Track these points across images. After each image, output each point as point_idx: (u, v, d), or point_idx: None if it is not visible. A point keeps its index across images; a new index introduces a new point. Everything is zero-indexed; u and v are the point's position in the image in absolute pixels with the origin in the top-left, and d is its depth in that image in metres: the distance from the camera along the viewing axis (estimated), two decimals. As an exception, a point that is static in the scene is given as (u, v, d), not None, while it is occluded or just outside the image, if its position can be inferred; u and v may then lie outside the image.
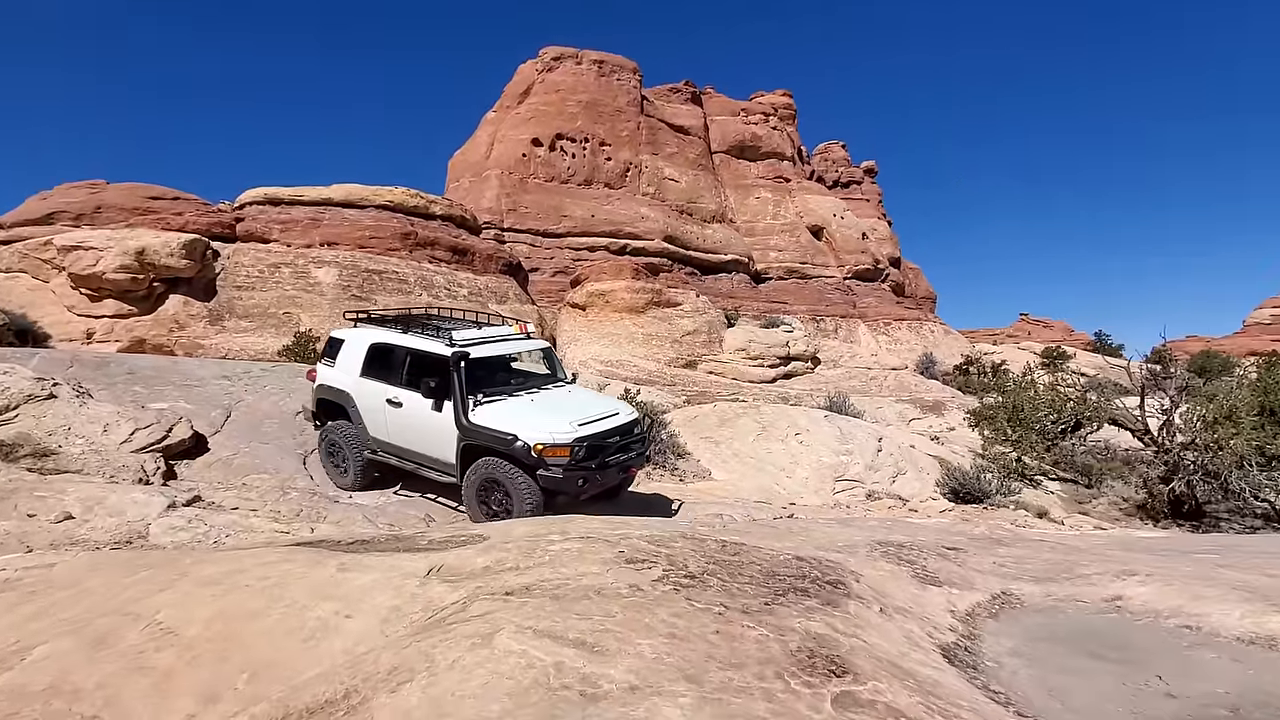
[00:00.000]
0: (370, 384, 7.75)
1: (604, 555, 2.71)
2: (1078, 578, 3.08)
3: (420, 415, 7.27)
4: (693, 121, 45.13)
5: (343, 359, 8.08)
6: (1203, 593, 2.74)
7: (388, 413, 7.59)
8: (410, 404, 7.36)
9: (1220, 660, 2.23)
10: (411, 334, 7.68)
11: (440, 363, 7.15)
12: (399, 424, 7.55)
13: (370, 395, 7.73)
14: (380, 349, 7.76)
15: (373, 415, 7.77)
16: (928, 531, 4.53)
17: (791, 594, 2.42)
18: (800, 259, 44.17)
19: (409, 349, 7.49)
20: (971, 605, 2.75)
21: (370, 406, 7.76)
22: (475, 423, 6.96)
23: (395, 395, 7.52)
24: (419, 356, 7.39)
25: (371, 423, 7.81)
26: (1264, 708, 1.91)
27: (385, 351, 7.71)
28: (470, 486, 6.97)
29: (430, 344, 7.37)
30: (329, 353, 8.36)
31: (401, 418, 7.49)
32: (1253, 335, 74.59)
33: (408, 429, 7.49)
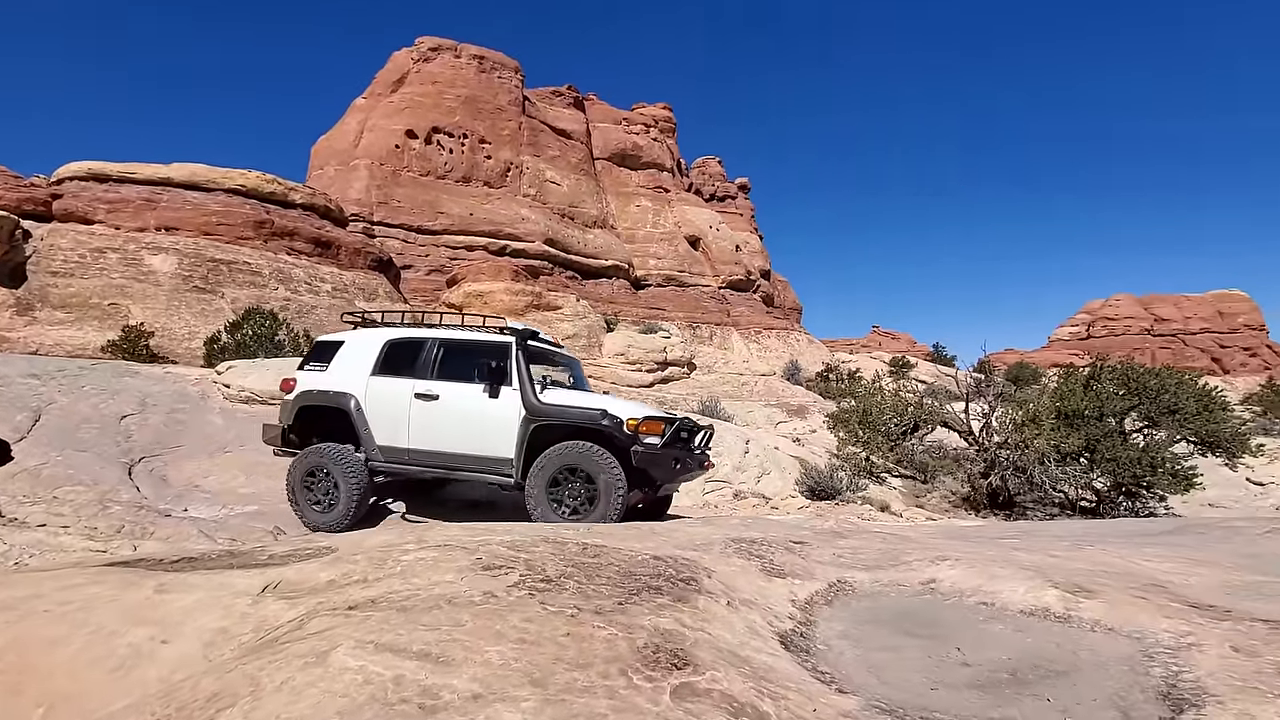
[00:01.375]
0: (388, 382, 6.75)
1: (460, 563, 2.66)
2: (901, 564, 3.42)
3: (464, 407, 6.45)
4: (575, 126, 45.22)
5: (342, 361, 7.04)
6: (998, 573, 3.14)
7: (414, 411, 6.58)
8: (450, 396, 6.52)
9: (1006, 631, 2.57)
10: (441, 328, 7.15)
11: (495, 349, 6.55)
12: (430, 421, 6.55)
13: (387, 394, 6.72)
14: (401, 344, 6.91)
15: (388, 418, 6.68)
16: (781, 527, 4.83)
17: (645, 592, 2.50)
18: (678, 268, 45.52)
19: (446, 340, 6.77)
20: (810, 594, 2.97)
21: (385, 408, 6.70)
22: (551, 402, 6.32)
23: (428, 388, 6.56)
24: (461, 346, 6.72)
25: (385, 428, 6.70)
26: (1035, 669, 2.23)
27: (408, 346, 6.87)
28: (540, 479, 6.08)
29: (473, 333, 6.87)
30: (317, 358, 7.26)
31: (435, 413, 6.53)
32: (1056, 350, 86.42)
33: (444, 425, 6.53)
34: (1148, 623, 2.54)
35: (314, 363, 7.23)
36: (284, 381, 7.38)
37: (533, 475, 6.10)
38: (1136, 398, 13.00)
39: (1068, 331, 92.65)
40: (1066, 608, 2.72)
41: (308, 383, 7.09)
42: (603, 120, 47.90)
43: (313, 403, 6.98)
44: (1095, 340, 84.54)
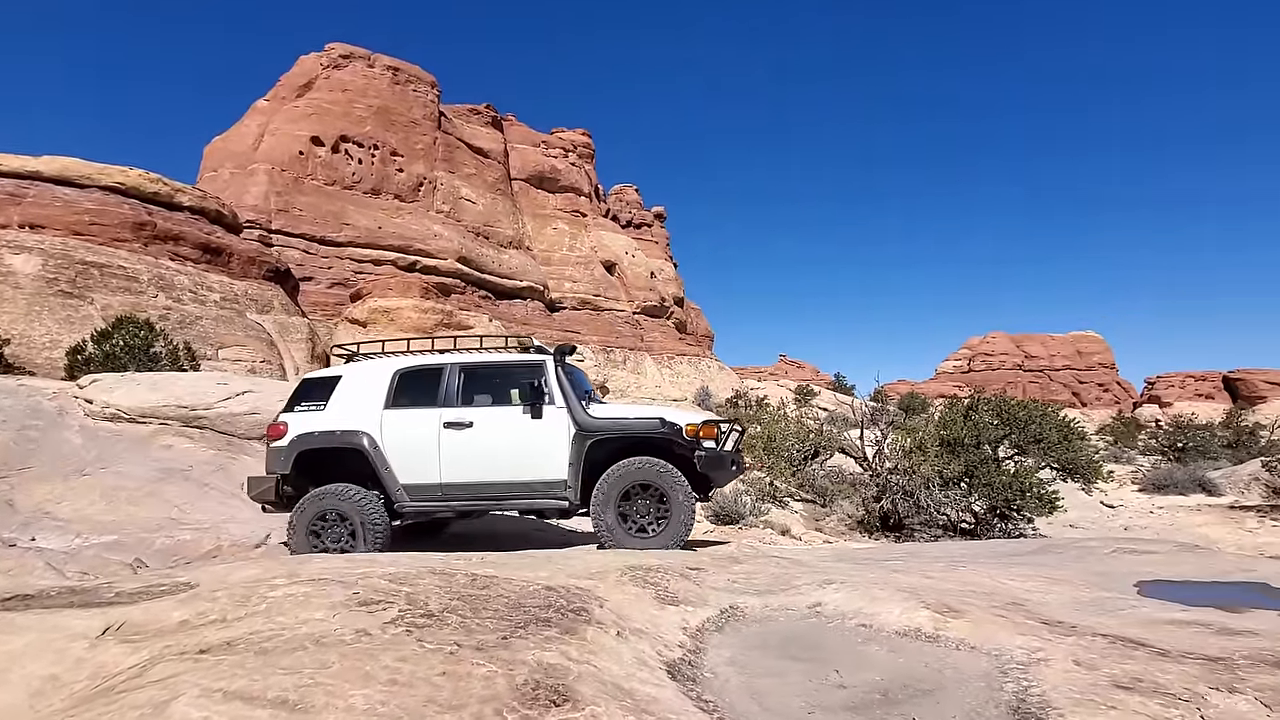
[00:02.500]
0: (407, 414, 6.11)
1: (334, 599, 2.49)
2: (791, 589, 3.51)
3: (504, 431, 5.99)
4: (493, 145, 44.81)
5: (343, 398, 6.31)
6: (878, 595, 3.29)
7: (445, 442, 6.01)
8: (486, 421, 6.02)
9: (882, 652, 2.68)
10: (455, 353, 6.54)
11: (529, 368, 6.15)
12: (466, 451, 5.99)
13: (408, 428, 6.08)
14: (415, 373, 6.30)
15: (413, 454, 6.05)
16: (682, 554, 4.86)
17: (533, 625, 2.44)
18: (594, 291, 45.70)
19: (468, 364, 6.25)
20: (702, 621, 3.00)
21: (408, 443, 6.06)
22: (602, 415, 6.01)
23: (459, 416, 6.01)
24: (487, 369, 6.25)
25: (410, 465, 6.05)
26: (905, 689, 2.34)
27: (424, 374, 6.29)
28: (608, 499, 5.66)
29: (497, 355, 6.44)
30: (309, 397, 6.47)
31: (471, 442, 5.99)
32: (941, 381, 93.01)
33: (482, 454, 5.99)
34: (1005, 640, 2.73)
35: (306, 402, 6.42)
36: (272, 427, 6.47)
37: (599, 495, 5.71)
38: (1008, 428, 14.16)
39: (951, 365, 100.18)
40: (936, 627, 2.88)
41: (304, 425, 6.21)
42: (521, 141, 47.76)
43: (315, 445, 6.13)
44: (975, 374, 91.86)
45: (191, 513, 7.70)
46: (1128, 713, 1.99)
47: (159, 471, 8.65)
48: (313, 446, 6.13)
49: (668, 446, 5.92)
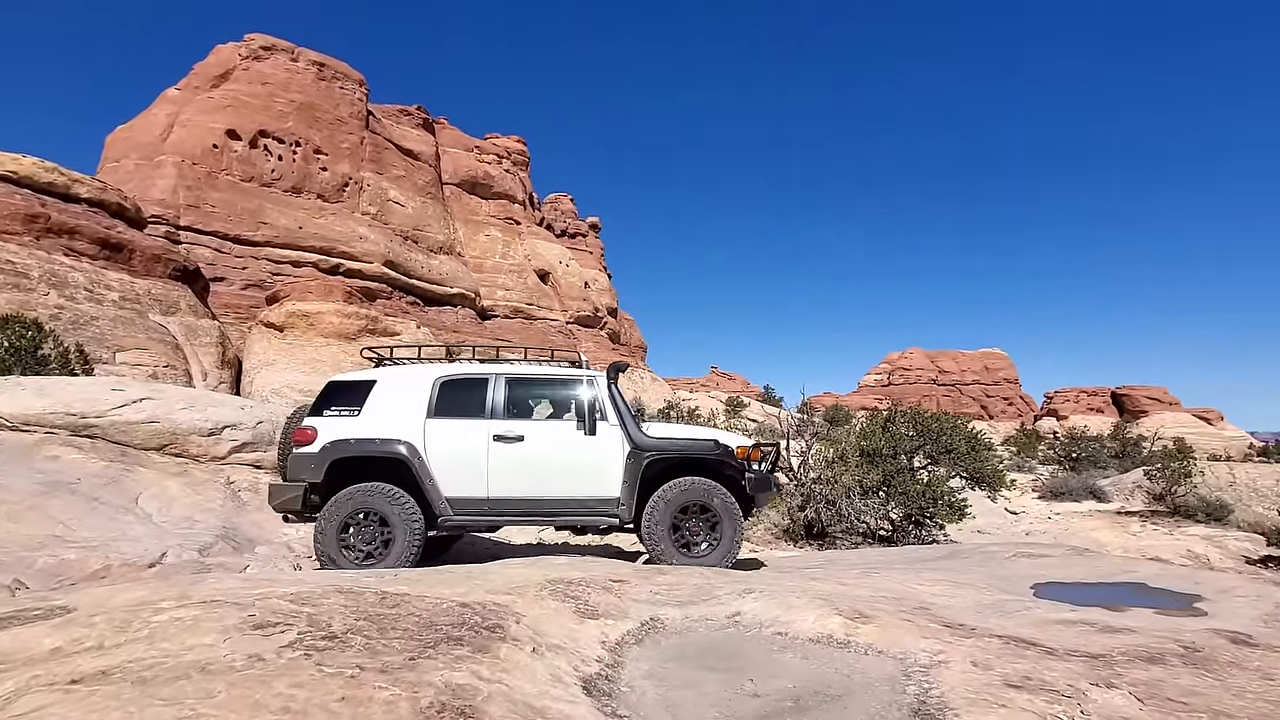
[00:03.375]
0: (452, 424, 5.89)
1: (226, 622, 2.33)
2: (712, 599, 3.55)
3: (557, 447, 5.92)
4: (424, 148, 43.74)
5: (379, 404, 5.97)
6: (794, 603, 3.37)
7: (495, 455, 5.84)
8: (538, 436, 5.92)
9: (795, 659, 2.74)
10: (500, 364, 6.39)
11: (581, 384, 6.10)
12: (516, 466, 5.84)
13: (454, 439, 5.86)
14: (458, 383, 6.08)
15: (459, 466, 5.83)
16: (607, 565, 4.84)
17: (444, 644, 2.36)
18: (527, 300, 45.18)
19: (515, 377, 6.11)
20: (622, 634, 2.98)
21: (453, 454, 5.84)
22: (659, 435, 6.01)
23: (509, 429, 5.86)
24: (535, 383, 6.17)
25: (455, 477, 5.80)
26: (815, 695, 2.40)
27: (467, 385, 6.09)
28: (661, 518, 5.70)
29: (545, 368, 6.31)
30: (340, 401, 6.05)
31: (522, 457, 5.85)
32: (864, 394, 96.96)
33: (534, 469, 5.88)
34: (911, 644, 2.85)
35: (337, 407, 6.01)
36: (299, 432, 6.00)
37: (651, 514, 5.74)
38: (923, 439, 14.87)
39: (873, 378, 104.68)
40: (847, 633, 2.97)
41: (337, 430, 5.85)
42: (454, 145, 46.83)
43: (351, 453, 5.77)
44: (894, 387, 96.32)
45: (78, 529, 7.09)
46: (1016, 710, 2.11)
47: (43, 484, 7.92)
48: (349, 454, 5.78)
49: (718, 467, 6.05)
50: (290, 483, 5.86)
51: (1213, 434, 69.39)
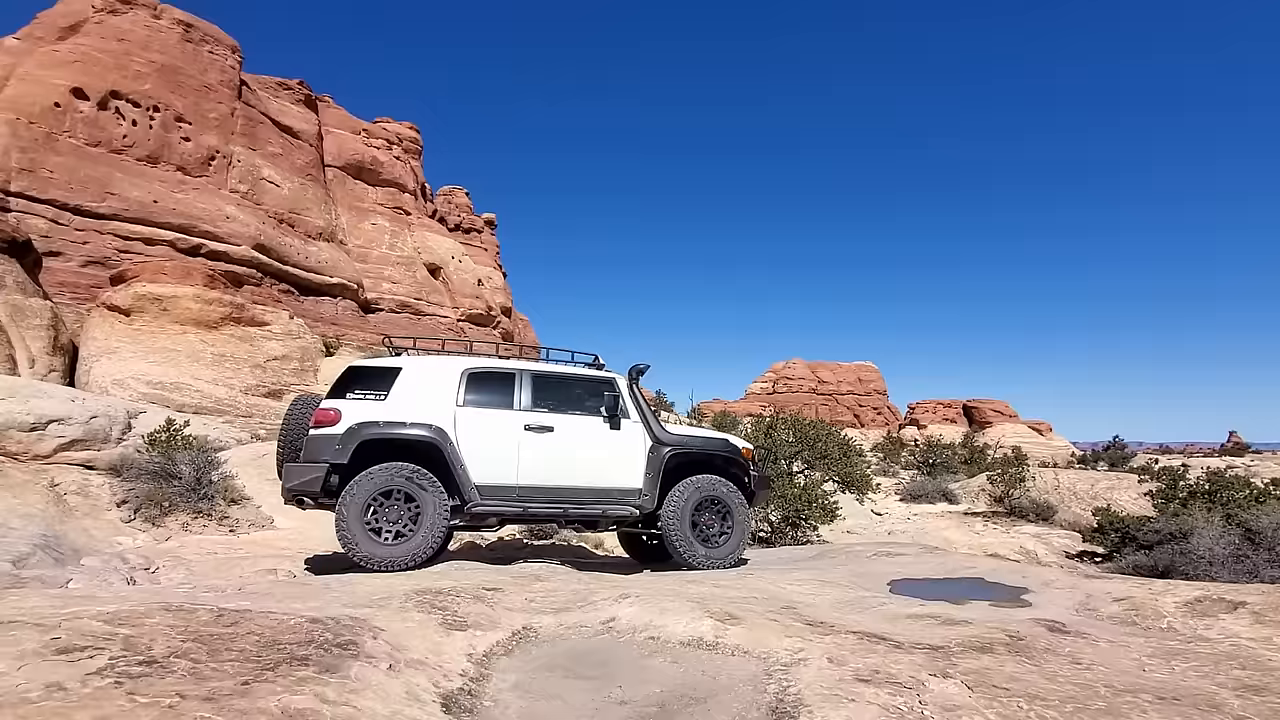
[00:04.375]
0: (485, 414, 6.03)
1: (24, 646, 2.01)
2: (588, 605, 3.51)
3: (585, 439, 6.24)
4: (305, 126, 40.79)
5: (408, 390, 5.97)
6: (669, 607, 3.40)
7: (525, 445, 6.04)
8: (567, 428, 6.19)
9: (665, 664, 2.77)
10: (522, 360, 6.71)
11: (603, 383, 6.50)
12: (546, 456, 6.07)
13: (486, 427, 5.99)
14: (485, 375, 6.26)
15: (490, 454, 5.94)
16: (483, 572, 4.69)
17: (285, 665, 2.16)
18: (415, 294, 43.23)
19: (540, 373, 6.43)
20: (491, 645, 2.88)
21: (485, 442, 5.95)
22: (677, 433, 6.51)
23: (540, 421, 6.11)
24: (559, 380, 6.46)
25: (485, 464, 5.90)
26: (681, 699, 2.42)
27: (494, 378, 6.29)
28: (682, 509, 6.17)
29: (571, 368, 6.68)
30: (364, 385, 6.00)
31: (552, 447, 6.11)
32: (750, 401, 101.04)
33: (563, 459, 6.13)
34: (775, 643, 2.95)
35: (362, 390, 5.93)
36: (320, 412, 5.80)
37: (672, 505, 6.17)
38: (801, 445, 15.68)
39: (759, 386, 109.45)
40: (717, 635, 3.04)
41: (364, 413, 5.72)
42: (339, 126, 43.94)
43: (380, 435, 5.66)
44: (778, 395, 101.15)
45: None
46: (863, 704, 2.24)
47: None
48: (377, 436, 5.67)
49: (726, 466, 6.60)
50: (309, 463, 5.61)
51: (1043, 443, 78.34)
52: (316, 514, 11.41)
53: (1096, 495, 18.83)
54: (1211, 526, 10.68)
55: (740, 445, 6.79)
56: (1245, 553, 10.11)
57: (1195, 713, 2.47)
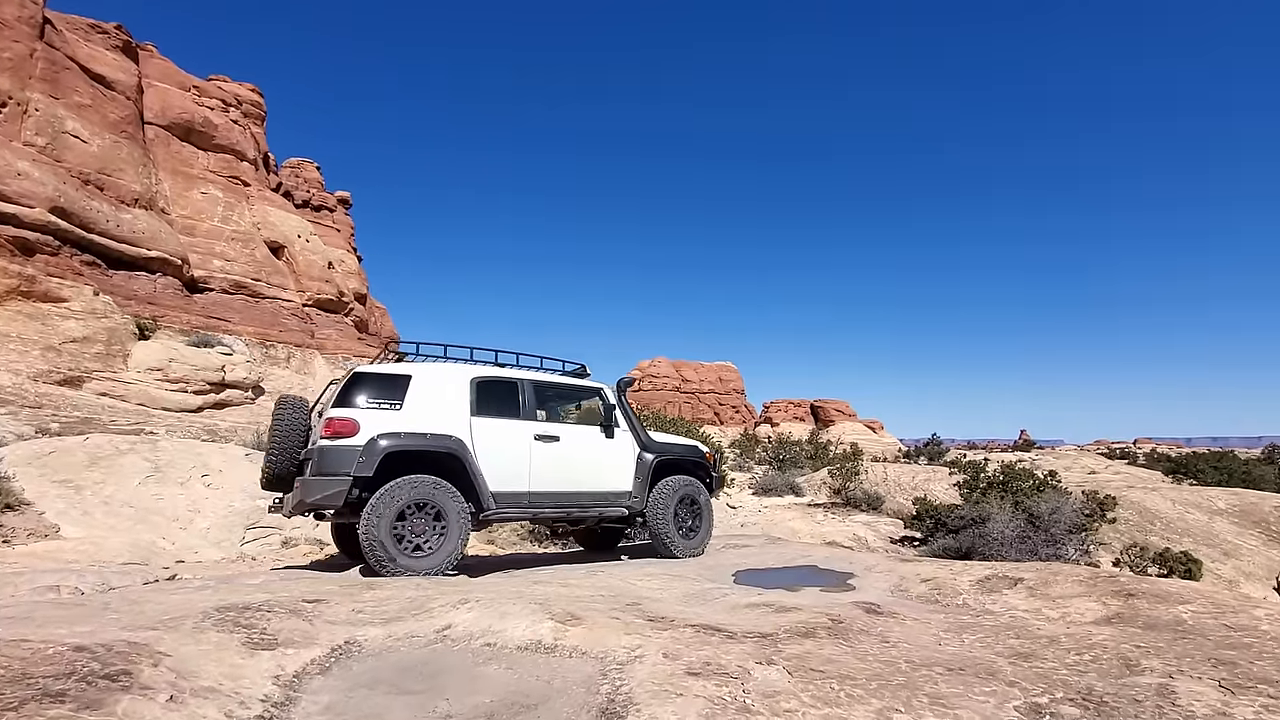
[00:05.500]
0: (498, 423, 6.30)
1: None
2: (424, 612, 3.32)
3: (585, 447, 6.79)
4: (121, 76, 35.50)
5: (421, 400, 6.02)
6: (510, 610, 3.30)
7: (535, 454, 6.42)
8: (570, 437, 6.71)
9: (499, 671, 2.67)
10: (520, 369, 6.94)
11: (594, 392, 7.12)
12: (554, 463, 6.49)
13: (501, 436, 6.27)
14: (492, 384, 6.51)
15: (505, 462, 6.21)
16: (306, 582, 4.30)
17: (34, 703, 1.81)
18: (254, 275, 39.13)
19: (541, 383, 6.82)
20: (305, 664, 2.63)
21: (500, 451, 6.21)
22: (658, 441, 7.28)
23: (548, 430, 6.57)
24: (556, 390, 6.96)
25: (500, 472, 6.16)
26: (512, 707, 2.34)
27: (501, 386, 6.55)
28: (666, 507, 6.98)
29: (564, 378, 7.11)
30: (372, 393, 5.88)
31: (558, 455, 6.55)
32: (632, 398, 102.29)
33: (568, 466, 6.58)
34: (614, 642, 2.95)
35: (375, 399, 5.86)
36: (340, 423, 5.63)
37: (659, 505, 6.94)
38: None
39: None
40: (556, 638, 2.99)
41: (383, 423, 5.72)
42: (164, 80, 38.62)
43: (404, 446, 5.71)
44: (644, 393, 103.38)
45: None
46: (690, 697, 2.29)
47: None
48: (402, 447, 5.71)
49: (693, 469, 7.44)
50: (330, 475, 5.46)
51: (876, 440, 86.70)
52: (118, 519, 9.98)
53: (917, 486, 21.06)
54: (1003, 512, 12.31)
55: (704, 450, 7.71)
56: (1028, 534, 11.76)
57: (976, 680, 2.78)
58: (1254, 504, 18.93)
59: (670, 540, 7.03)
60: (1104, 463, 36.15)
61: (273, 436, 6.17)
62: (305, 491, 5.50)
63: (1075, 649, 3.30)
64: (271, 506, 6.47)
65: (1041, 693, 2.67)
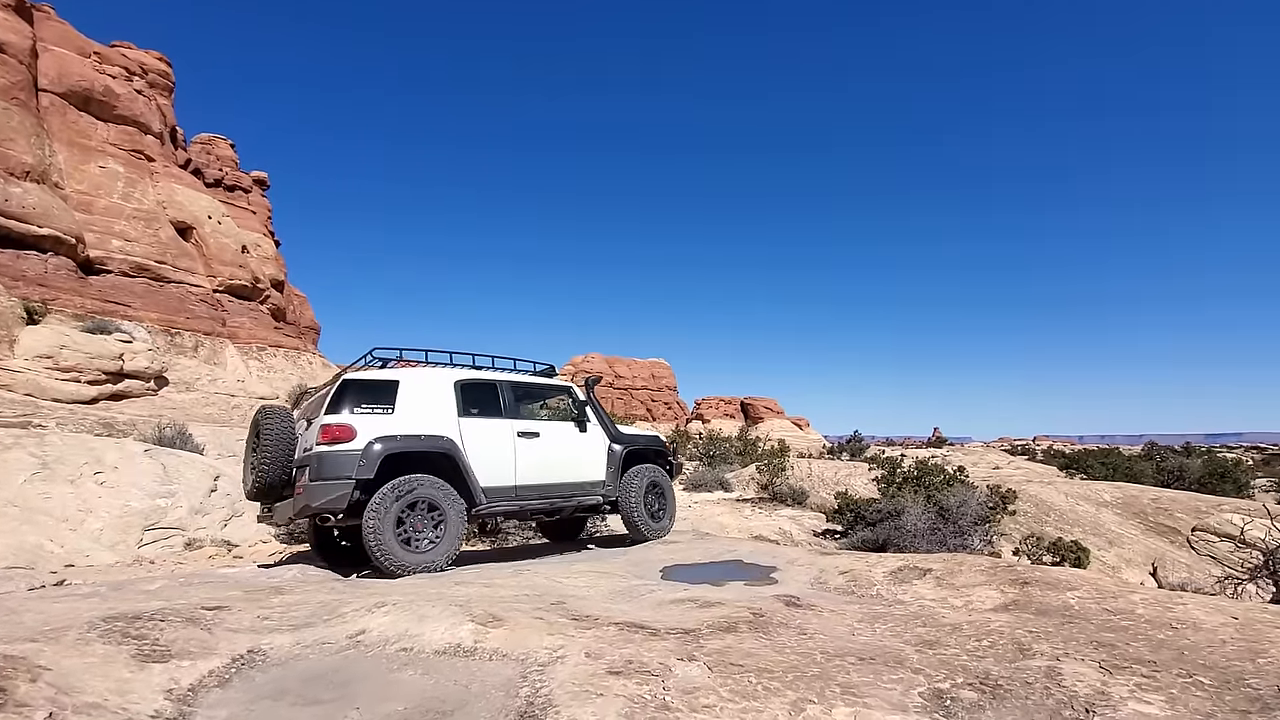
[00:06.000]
0: (483, 423, 6.62)
1: None
2: (336, 617, 3.19)
3: (563, 442, 7.19)
4: (13, 38, 32.29)
5: (411, 404, 6.27)
6: (429, 613, 3.21)
7: (520, 450, 6.79)
8: (549, 433, 7.11)
9: (415, 677, 2.59)
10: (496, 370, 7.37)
11: (566, 391, 7.55)
12: (536, 458, 6.88)
13: (487, 435, 6.59)
14: (473, 386, 6.83)
15: (492, 459, 6.53)
16: (212, 587, 4.06)
17: (-124, 734, 1.63)
18: (158, 257, 36.45)
19: (518, 383, 7.19)
20: (201, 676, 2.47)
21: (487, 448, 6.53)
22: (626, 433, 7.76)
23: (529, 427, 6.97)
24: (530, 389, 7.31)
25: (488, 469, 6.47)
26: (427, 715, 2.28)
27: (481, 388, 6.88)
28: (637, 493, 7.48)
29: (536, 378, 7.52)
30: (363, 399, 6.07)
31: (539, 450, 6.94)
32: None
33: (548, 460, 6.98)
34: (536, 643, 2.92)
35: (366, 405, 6.14)
36: (339, 428, 5.86)
37: (627, 492, 7.44)
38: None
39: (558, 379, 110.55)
40: (477, 640, 2.93)
41: (380, 428, 6.03)
42: (60, 44, 35.34)
43: (403, 449, 6.06)
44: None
45: None
46: (611, 697, 2.29)
47: None
48: (399, 450, 6.04)
49: (656, 458, 8.01)
50: (331, 480, 5.68)
51: (802, 436, 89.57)
52: (2, 520, 9.09)
53: (839, 481, 21.87)
54: (917, 505, 12.95)
55: (664, 440, 8.29)
56: (939, 526, 12.42)
57: (885, 669, 2.91)
58: (1134, 496, 20.66)
59: (643, 524, 7.60)
60: (1007, 459, 38.65)
61: (262, 447, 6.18)
62: (310, 497, 5.66)
63: (975, 635, 3.51)
64: (260, 516, 6.66)
65: (944, 679, 2.83)
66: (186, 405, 29.50)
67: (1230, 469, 25.90)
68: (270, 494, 6.23)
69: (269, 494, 6.24)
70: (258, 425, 6.30)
